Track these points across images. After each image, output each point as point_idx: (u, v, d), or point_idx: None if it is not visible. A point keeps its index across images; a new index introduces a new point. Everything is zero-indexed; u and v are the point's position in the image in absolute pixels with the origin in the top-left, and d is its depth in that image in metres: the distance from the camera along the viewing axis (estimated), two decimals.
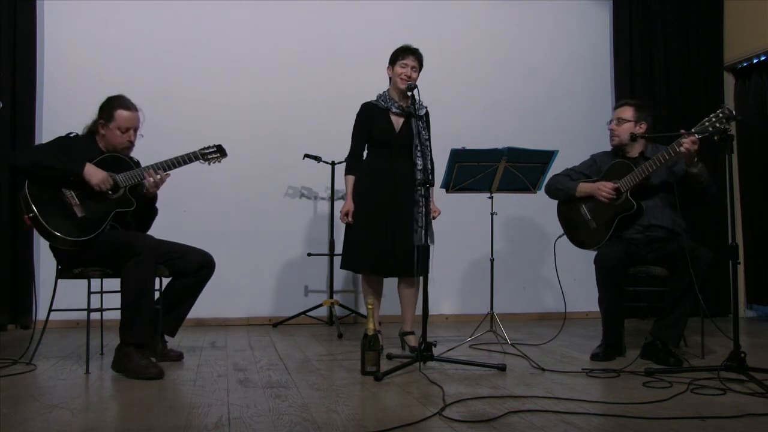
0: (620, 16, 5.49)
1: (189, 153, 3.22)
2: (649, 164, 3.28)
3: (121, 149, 3.15)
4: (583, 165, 3.68)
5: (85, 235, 2.95)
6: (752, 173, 5.34)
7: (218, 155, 3.31)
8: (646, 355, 3.26)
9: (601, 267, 3.33)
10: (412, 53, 3.53)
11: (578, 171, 3.66)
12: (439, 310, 5.05)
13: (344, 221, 3.53)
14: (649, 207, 3.39)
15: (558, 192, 3.64)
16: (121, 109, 3.12)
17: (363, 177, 3.56)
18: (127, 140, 3.14)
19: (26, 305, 4.38)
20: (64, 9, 4.62)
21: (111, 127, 3.12)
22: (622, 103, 3.60)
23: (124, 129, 3.12)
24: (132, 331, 2.89)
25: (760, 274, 5.31)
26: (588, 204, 3.55)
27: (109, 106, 3.14)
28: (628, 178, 3.37)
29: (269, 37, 4.94)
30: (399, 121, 3.58)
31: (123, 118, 3.11)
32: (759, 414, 2.23)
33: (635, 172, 3.34)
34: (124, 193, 3.08)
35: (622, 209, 3.39)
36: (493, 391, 2.59)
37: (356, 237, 3.51)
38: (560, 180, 3.64)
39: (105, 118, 3.13)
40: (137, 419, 2.20)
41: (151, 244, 2.97)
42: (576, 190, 3.56)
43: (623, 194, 3.40)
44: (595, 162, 3.64)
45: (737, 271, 2.85)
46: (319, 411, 2.27)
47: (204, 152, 3.27)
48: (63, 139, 3.11)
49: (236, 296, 4.75)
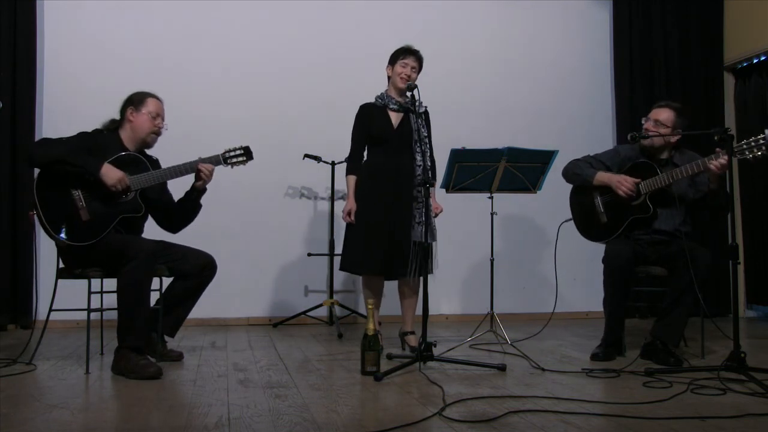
0: (620, 16, 5.49)
1: (211, 156, 3.21)
2: (676, 172, 3.21)
3: (148, 137, 3.18)
4: (605, 155, 3.58)
5: (85, 240, 2.95)
6: (752, 174, 5.33)
7: (243, 158, 3.25)
8: (646, 355, 3.26)
9: (609, 265, 3.29)
10: (413, 54, 3.54)
11: (599, 159, 3.55)
12: (439, 310, 5.05)
13: (347, 220, 3.53)
14: (662, 214, 3.35)
15: (575, 177, 3.54)
16: (151, 97, 3.22)
17: (363, 178, 3.56)
18: (157, 126, 3.19)
19: (26, 305, 4.38)
20: (64, 9, 4.63)
21: (142, 111, 3.16)
22: (663, 105, 3.47)
23: (155, 114, 3.19)
24: (129, 336, 2.89)
25: (760, 274, 5.31)
26: (604, 196, 3.46)
27: (138, 95, 3.21)
28: (651, 181, 3.30)
29: (269, 38, 4.94)
30: (397, 118, 3.58)
31: (154, 104, 3.21)
32: (759, 414, 2.23)
33: (660, 177, 3.27)
34: (134, 198, 3.06)
35: (638, 211, 3.34)
36: (493, 391, 2.59)
37: (357, 239, 3.50)
38: (579, 165, 3.54)
39: (135, 105, 3.18)
40: (137, 419, 2.20)
41: (147, 248, 2.95)
42: (594, 178, 3.45)
43: (642, 196, 3.34)
44: (618, 154, 3.55)
45: (737, 271, 2.85)
46: (319, 411, 2.27)
47: (227, 156, 3.23)
48: (86, 135, 3.11)
49: (236, 296, 4.75)
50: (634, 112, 5.27)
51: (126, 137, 3.19)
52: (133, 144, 3.19)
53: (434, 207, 3.53)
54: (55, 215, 2.93)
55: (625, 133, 4.31)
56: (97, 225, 2.97)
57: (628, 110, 5.33)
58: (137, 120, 3.16)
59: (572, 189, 3.65)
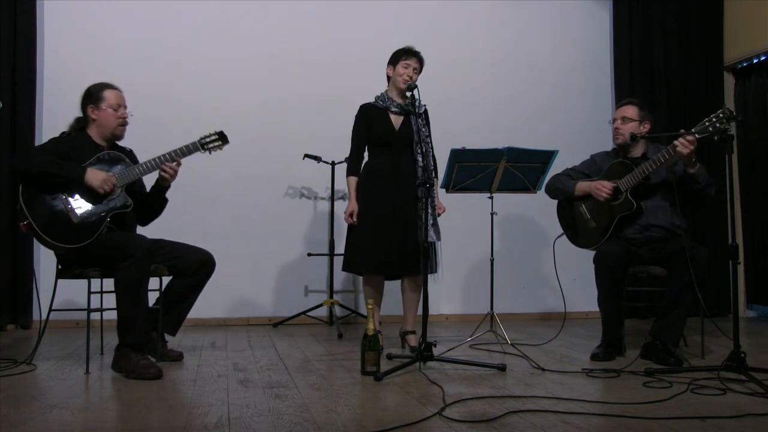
0: (620, 16, 5.49)
1: (188, 144, 3.20)
2: (648, 164, 3.28)
3: (116, 129, 3.15)
4: (583, 165, 3.68)
5: (80, 241, 2.95)
6: (752, 173, 5.34)
7: (219, 143, 3.26)
8: (646, 355, 3.26)
9: (599, 266, 3.33)
10: (415, 55, 3.54)
11: (578, 171, 3.65)
12: (439, 310, 5.05)
13: (349, 222, 3.53)
14: (648, 207, 3.39)
15: (558, 192, 3.64)
16: (107, 89, 3.17)
17: (365, 179, 3.56)
18: (121, 117, 3.16)
19: (26, 305, 4.39)
20: (64, 9, 4.63)
21: (103, 107, 3.13)
22: (626, 102, 3.58)
23: (116, 106, 3.15)
24: (128, 334, 2.89)
25: (760, 274, 5.31)
26: (587, 203, 3.54)
27: (93, 91, 3.17)
28: (627, 178, 3.37)
29: (270, 38, 4.94)
30: (398, 120, 3.58)
31: (113, 96, 3.16)
32: (759, 414, 2.23)
33: (635, 172, 3.34)
34: (121, 193, 3.08)
35: (622, 209, 3.39)
36: (493, 391, 2.59)
37: (359, 239, 3.50)
38: (560, 179, 3.64)
39: (93, 102, 3.14)
40: (137, 419, 2.20)
41: (144, 245, 2.95)
42: (575, 189, 3.55)
43: (623, 194, 3.39)
44: (595, 162, 3.64)
45: (737, 271, 2.85)
46: (319, 411, 2.27)
47: (204, 142, 3.24)
48: (58, 140, 3.11)
49: (236, 296, 4.76)
50: None
51: (95, 134, 3.17)
52: (103, 139, 3.18)
53: (438, 206, 3.53)
54: (47, 222, 2.92)
55: None
56: (90, 225, 2.97)
57: None
58: (100, 116, 3.14)
59: (558, 204, 3.72)
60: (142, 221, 3.36)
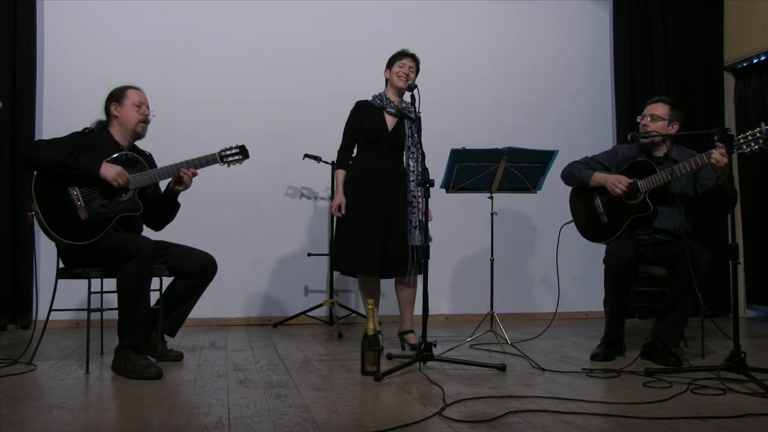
0: (620, 16, 5.50)
1: (207, 155, 3.22)
2: (677, 168, 3.19)
3: (137, 126, 3.18)
4: (604, 155, 3.59)
5: (84, 240, 2.95)
6: (752, 173, 5.34)
7: (239, 157, 3.28)
8: (646, 355, 3.25)
9: (611, 266, 3.28)
10: (410, 56, 3.55)
11: (597, 161, 3.56)
12: (439, 310, 5.05)
13: (337, 215, 3.53)
14: (662, 211, 3.34)
15: (573, 179, 3.56)
16: (130, 89, 3.24)
17: (353, 175, 3.56)
18: (143, 114, 3.20)
19: (26, 305, 4.39)
20: (64, 9, 4.63)
21: (125, 104, 3.18)
22: (657, 100, 3.48)
23: (138, 103, 3.20)
24: (129, 335, 2.89)
25: (760, 274, 5.31)
26: (603, 197, 3.47)
27: (118, 90, 3.23)
28: (650, 179, 3.29)
29: (269, 37, 4.94)
30: (392, 121, 3.58)
31: (135, 95, 3.22)
32: (759, 414, 2.23)
33: (659, 175, 3.26)
34: (132, 197, 3.07)
35: (638, 210, 3.34)
36: (493, 391, 2.59)
37: (349, 239, 3.50)
38: (577, 167, 3.55)
39: (117, 99, 3.19)
40: (137, 419, 2.20)
41: (146, 246, 2.95)
42: (591, 179, 3.46)
43: (641, 194, 3.34)
44: (617, 154, 3.55)
45: (737, 271, 2.84)
46: (319, 411, 2.27)
47: (223, 155, 3.25)
48: (78, 134, 3.12)
49: (236, 296, 4.76)
50: (634, 111, 5.22)
51: (116, 132, 3.19)
52: (125, 137, 3.20)
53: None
54: (54, 215, 2.93)
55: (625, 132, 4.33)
56: (96, 224, 2.97)
57: (628, 110, 5.32)
58: (123, 113, 3.18)
59: (572, 191, 3.66)
60: (155, 225, 3.37)
